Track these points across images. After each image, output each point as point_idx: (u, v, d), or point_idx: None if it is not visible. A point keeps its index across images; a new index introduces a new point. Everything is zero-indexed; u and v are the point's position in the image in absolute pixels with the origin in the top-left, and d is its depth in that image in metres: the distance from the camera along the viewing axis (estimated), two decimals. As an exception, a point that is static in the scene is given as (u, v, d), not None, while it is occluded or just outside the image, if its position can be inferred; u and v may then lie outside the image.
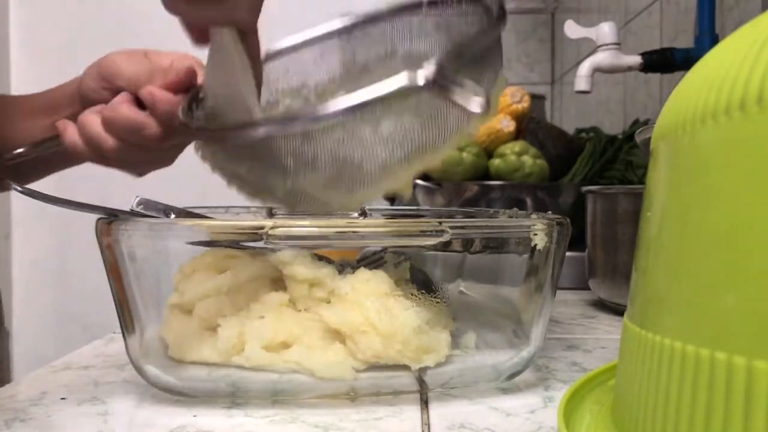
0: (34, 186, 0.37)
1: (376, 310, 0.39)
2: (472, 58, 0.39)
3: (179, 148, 0.54)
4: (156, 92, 0.48)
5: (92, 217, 0.39)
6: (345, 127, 0.37)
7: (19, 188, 0.37)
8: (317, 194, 0.41)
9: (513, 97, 0.99)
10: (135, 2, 1.04)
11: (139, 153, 0.51)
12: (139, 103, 0.49)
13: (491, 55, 0.41)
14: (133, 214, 0.41)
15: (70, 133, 0.50)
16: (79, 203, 0.39)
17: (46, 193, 0.37)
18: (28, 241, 1.98)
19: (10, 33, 1.94)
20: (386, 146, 0.39)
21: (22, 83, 1.83)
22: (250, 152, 0.40)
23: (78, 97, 0.54)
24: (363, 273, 0.41)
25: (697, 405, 0.22)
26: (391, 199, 1.14)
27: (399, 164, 0.39)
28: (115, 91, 0.51)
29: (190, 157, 0.48)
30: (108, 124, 0.49)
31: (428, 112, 0.38)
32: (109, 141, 0.49)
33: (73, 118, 0.53)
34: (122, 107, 0.49)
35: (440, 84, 0.35)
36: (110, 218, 0.38)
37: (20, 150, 0.54)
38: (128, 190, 0.47)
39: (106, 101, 0.51)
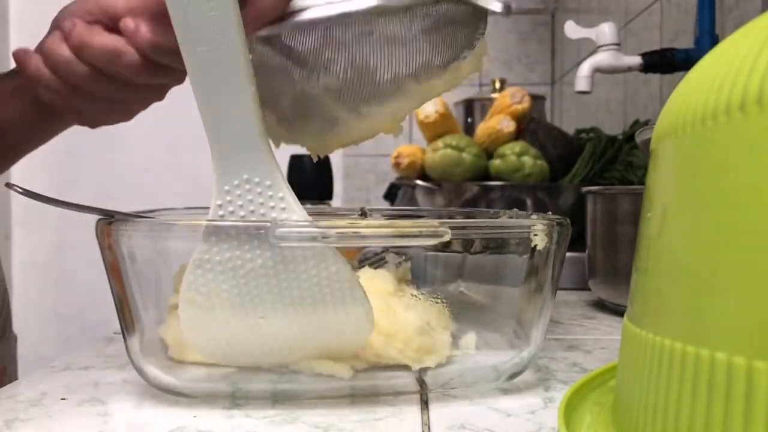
0: (34, 187, 0.37)
1: (379, 310, 0.39)
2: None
3: (165, 86, 0.48)
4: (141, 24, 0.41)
5: (92, 218, 0.39)
6: (364, 26, 0.38)
7: (19, 189, 0.37)
8: (325, 104, 0.41)
9: (513, 98, 0.99)
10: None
11: (116, 87, 0.45)
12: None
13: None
14: (132, 215, 0.41)
15: (34, 62, 0.44)
16: (79, 204, 0.38)
17: (45, 194, 0.37)
18: (28, 241, 1.98)
19: (10, 33, 1.94)
20: (399, 57, 0.40)
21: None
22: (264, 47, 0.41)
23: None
24: (367, 272, 0.42)
25: (697, 405, 0.22)
26: (392, 198, 1.14)
27: (408, 81, 0.41)
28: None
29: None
30: (79, 50, 0.43)
31: (440, 29, 0.39)
32: (80, 67, 0.43)
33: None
34: (95, 30, 0.43)
35: None
36: (110, 218, 0.38)
37: None
38: (128, 190, 0.47)
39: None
